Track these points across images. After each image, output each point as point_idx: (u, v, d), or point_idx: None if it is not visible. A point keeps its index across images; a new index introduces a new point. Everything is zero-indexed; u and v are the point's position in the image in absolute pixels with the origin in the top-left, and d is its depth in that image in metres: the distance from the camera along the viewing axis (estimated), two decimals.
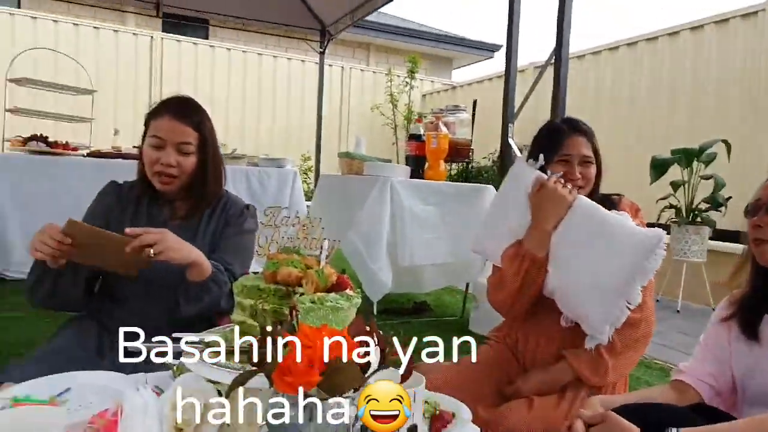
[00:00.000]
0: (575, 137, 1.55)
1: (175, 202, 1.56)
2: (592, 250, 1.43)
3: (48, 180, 3.97)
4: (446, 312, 3.82)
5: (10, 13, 7.51)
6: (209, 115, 1.57)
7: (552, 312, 1.53)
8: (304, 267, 1.05)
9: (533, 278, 1.48)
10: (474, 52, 12.97)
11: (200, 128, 1.50)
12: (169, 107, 1.49)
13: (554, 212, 1.47)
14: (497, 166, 7.23)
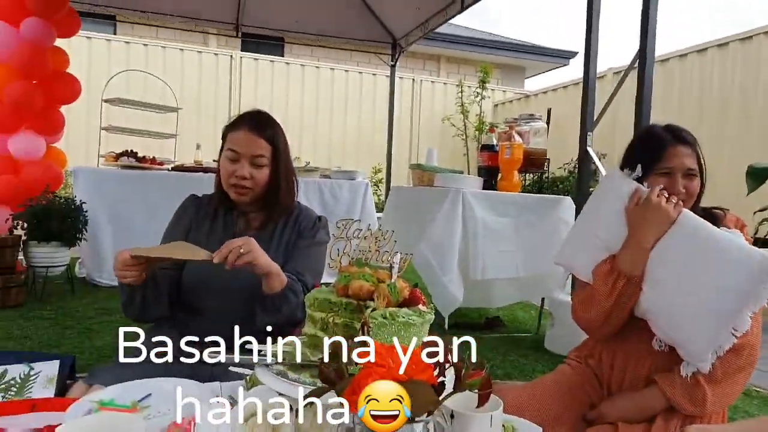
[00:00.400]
0: (678, 147, 1.40)
1: (250, 214, 1.59)
2: (697, 270, 1.30)
3: (137, 193, 4.24)
4: (520, 328, 3.68)
5: (107, 39, 8.14)
6: (283, 128, 1.60)
7: (642, 332, 1.40)
8: (375, 280, 1.02)
9: (628, 298, 1.37)
10: (548, 60, 12.62)
11: (274, 141, 1.53)
12: (245, 121, 1.53)
13: (655, 229, 1.34)
14: (574, 176, 6.98)
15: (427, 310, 0.99)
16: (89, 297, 3.86)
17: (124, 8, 5.39)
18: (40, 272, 3.74)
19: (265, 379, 0.94)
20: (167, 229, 1.62)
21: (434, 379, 0.70)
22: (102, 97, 5.16)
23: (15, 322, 3.15)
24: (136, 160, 4.48)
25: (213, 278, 1.47)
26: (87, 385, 1.34)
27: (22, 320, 3.21)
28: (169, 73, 7.87)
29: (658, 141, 1.43)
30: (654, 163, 1.41)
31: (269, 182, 1.53)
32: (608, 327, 1.42)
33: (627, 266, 1.36)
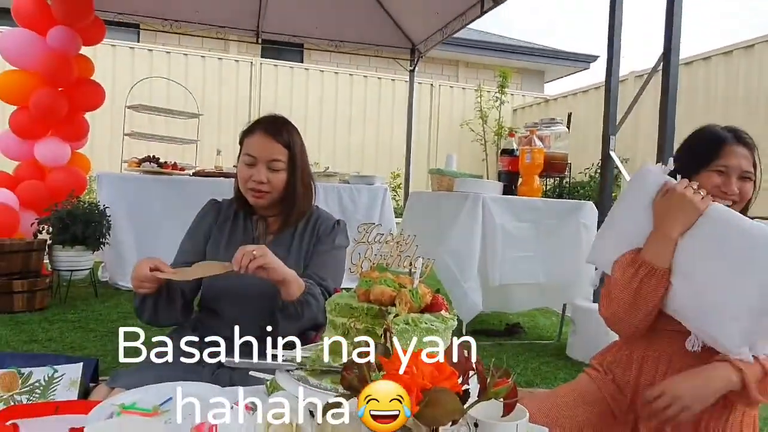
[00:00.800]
0: (737, 148, 1.36)
1: (269, 218, 1.59)
2: (727, 262, 1.25)
3: (158, 198, 4.29)
4: (541, 335, 3.63)
5: (130, 47, 8.29)
6: (302, 134, 1.60)
7: (673, 334, 1.34)
8: (397, 286, 1.01)
9: (650, 291, 1.31)
10: (568, 64, 12.51)
11: (290, 145, 1.52)
12: (260, 126, 1.53)
13: (681, 219, 1.30)
14: (595, 181, 6.89)
15: (449, 316, 0.98)
16: (112, 300, 3.91)
17: (148, 16, 5.48)
18: (65, 276, 3.81)
19: (285, 385, 0.94)
20: (187, 233, 1.63)
21: (459, 386, 0.68)
22: (125, 104, 5.25)
23: (40, 325, 3.20)
24: (158, 165, 4.54)
25: (232, 284, 1.47)
26: (109, 388, 1.35)
27: (46, 323, 3.26)
28: (191, 80, 7.99)
29: (717, 138, 1.39)
30: (711, 160, 1.36)
31: (286, 186, 1.52)
32: (633, 322, 1.35)
33: (650, 256, 1.32)
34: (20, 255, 3.51)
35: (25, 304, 3.46)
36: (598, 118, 6.48)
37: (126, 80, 7.21)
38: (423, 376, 0.65)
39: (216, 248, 1.55)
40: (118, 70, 7.82)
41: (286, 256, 1.52)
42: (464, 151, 8.69)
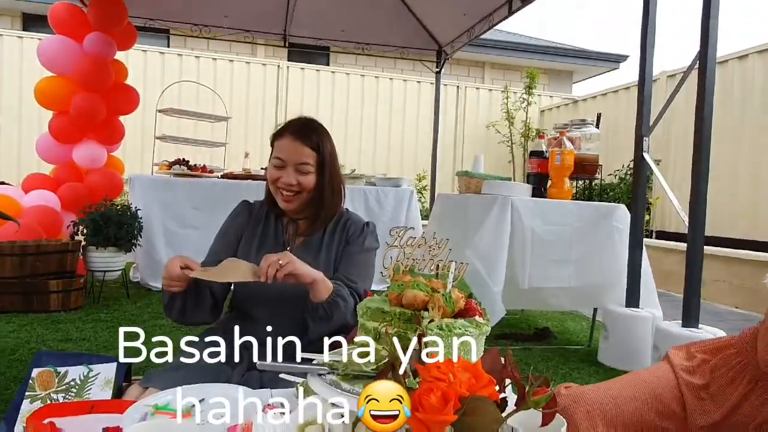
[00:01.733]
0: None
1: (299, 221, 1.60)
2: None
3: (188, 200, 4.36)
4: (571, 340, 3.56)
5: (161, 52, 8.46)
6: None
7: None
8: (430, 290, 1.00)
9: None
10: (597, 64, 12.29)
11: (319, 148, 1.52)
12: (290, 129, 1.54)
13: None
14: (626, 183, 6.75)
15: (483, 321, 0.96)
16: (143, 301, 3.98)
17: (178, 21, 5.58)
18: (98, 276, 3.89)
19: (317, 389, 0.93)
20: (219, 233, 1.65)
21: (497, 395, 0.66)
22: (156, 108, 5.35)
23: (74, 325, 3.28)
24: (187, 168, 4.61)
25: (264, 287, 1.48)
26: (142, 387, 1.37)
27: (80, 323, 3.33)
28: (220, 84, 8.10)
29: None
30: None
31: (315, 188, 1.53)
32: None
33: None
34: (56, 256, 3.60)
35: (61, 304, 3.54)
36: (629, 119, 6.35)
37: (157, 84, 7.36)
38: (460, 384, 0.64)
39: (248, 250, 1.56)
40: (150, 75, 7.99)
41: (316, 258, 1.52)
42: (490, 153, 8.61)
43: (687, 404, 1.19)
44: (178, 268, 1.35)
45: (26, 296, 3.45)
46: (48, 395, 1.50)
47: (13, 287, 3.42)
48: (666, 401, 1.19)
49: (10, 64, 7.67)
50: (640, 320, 2.89)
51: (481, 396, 0.63)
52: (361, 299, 1.48)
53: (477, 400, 0.62)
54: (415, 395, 0.62)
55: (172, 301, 1.45)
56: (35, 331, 3.09)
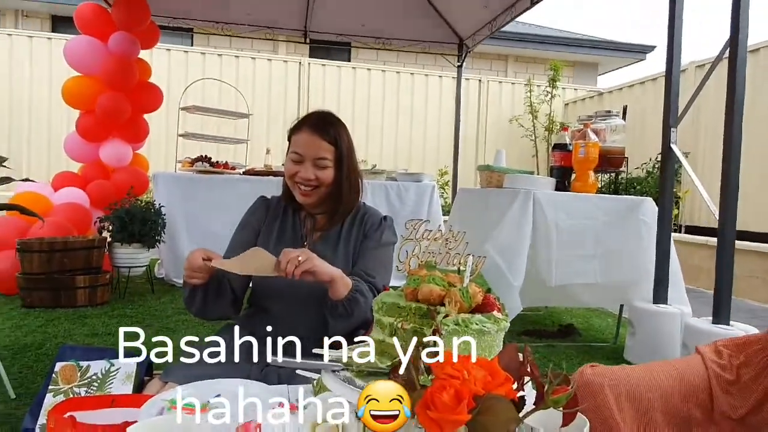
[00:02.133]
0: None
1: (317, 215, 1.59)
2: None
3: (211, 196, 4.40)
4: (596, 337, 3.49)
5: (185, 50, 8.56)
6: (349, 131, 1.58)
7: None
8: (446, 284, 0.97)
9: None
10: (622, 56, 12.02)
11: (337, 143, 1.50)
12: (307, 123, 1.52)
13: None
14: (653, 176, 6.59)
15: (502, 317, 0.93)
16: (167, 296, 4.03)
17: (201, 20, 5.63)
18: (123, 272, 3.96)
19: (331, 385, 0.91)
20: (237, 229, 1.64)
21: (514, 393, 0.64)
22: (180, 106, 5.41)
23: (100, 320, 3.34)
24: (210, 165, 4.65)
25: (283, 283, 1.47)
26: (162, 382, 1.38)
27: (106, 318, 3.39)
28: (242, 81, 8.17)
29: None
30: None
31: (333, 183, 1.51)
32: None
33: None
34: (83, 252, 3.66)
35: (87, 299, 3.61)
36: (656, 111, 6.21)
37: (180, 82, 7.45)
38: (475, 382, 0.61)
39: (266, 245, 1.55)
40: (173, 73, 8.09)
41: (334, 253, 1.51)
42: (513, 148, 8.50)
43: (714, 396, 1.18)
44: (200, 259, 1.35)
45: (54, 292, 3.52)
46: (70, 389, 1.52)
47: (42, 283, 3.50)
48: (693, 388, 1.18)
49: (40, 65, 7.86)
50: (669, 317, 2.81)
51: (497, 395, 0.60)
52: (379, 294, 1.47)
53: (492, 398, 0.59)
54: (428, 393, 0.60)
55: (192, 295, 1.45)
56: (62, 326, 3.15)
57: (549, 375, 0.65)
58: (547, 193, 2.94)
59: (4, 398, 2.12)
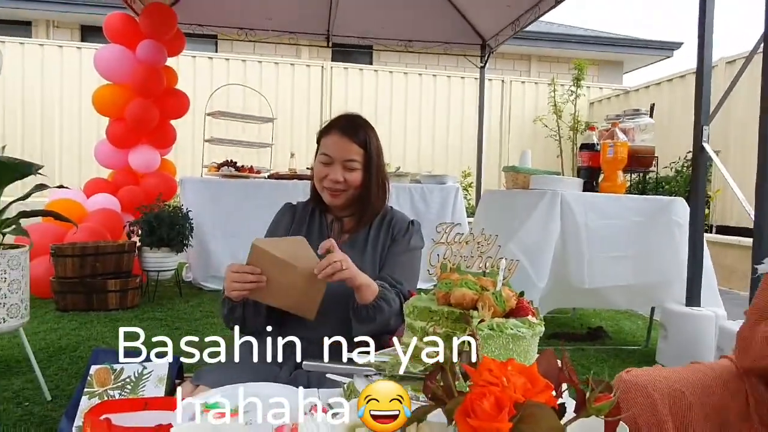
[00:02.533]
0: None
1: (344, 218, 1.59)
2: None
3: (236, 200, 4.45)
4: (626, 340, 3.42)
5: (209, 57, 8.69)
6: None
7: None
8: (479, 288, 0.96)
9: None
10: (649, 53, 11.80)
11: (366, 145, 1.51)
12: (337, 126, 1.53)
13: None
14: (682, 176, 6.44)
15: (537, 321, 0.92)
16: (195, 300, 4.09)
17: (225, 26, 5.71)
18: (153, 276, 4.02)
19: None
20: (266, 236, 1.65)
21: (554, 400, 0.62)
22: (205, 111, 5.49)
23: (131, 323, 3.40)
24: (235, 169, 4.71)
25: None
26: (194, 385, 1.39)
27: (137, 320, 3.45)
28: (265, 86, 8.24)
29: None
30: None
31: (361, 185, 1.51)
32: None
33: None
34: (113, 256, 3.74)
35: (118, 302, 3.68)
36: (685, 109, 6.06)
37: (205, 88, 7.56)
38: (515, 389, 0.60)
39: None
40: (198, 79, 8.21)
41: (362, 256, 1.51)
42: (537, 148, 8.40)
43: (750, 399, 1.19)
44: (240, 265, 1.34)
45: (87, 295, 3.60)
46: (105, 391, 1.54)
47: (75, 287, 3.58)
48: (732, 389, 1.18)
49: (71, 75, 8.06)
50: (702, 319, 2.74)
51: (538, 402, 0.59)
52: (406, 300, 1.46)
53: (533, 406, 0.58)
54: (467, 400, 0.59)
55: (231, 312, 1.46)
56: (95, 329, 3.22)
57: (590, 382, 0.64)
58: (576, 193, 2.89)
59: (40, 400, 2.17)
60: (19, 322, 1.97)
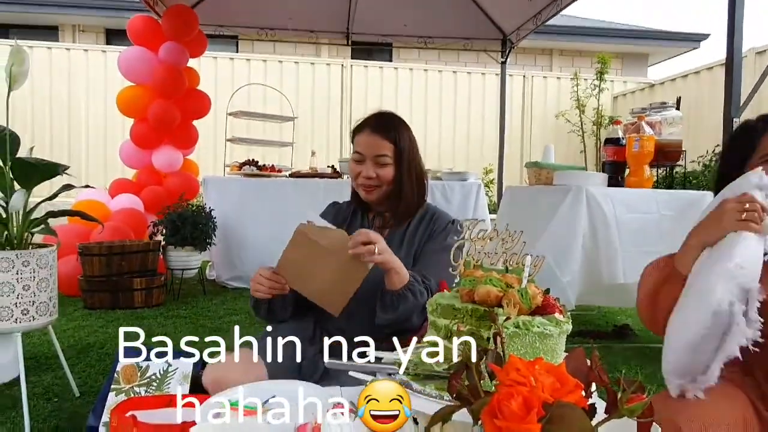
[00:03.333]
0: None
1: (385, 214, 1.61)
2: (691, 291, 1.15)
3: (259, 199, 4.47)
4: (653, 338, 3.34)
5: (230, 57, 8.77)
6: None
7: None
8: (504, 286, 0.94)
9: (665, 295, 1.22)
10: (674, 45, 11.54)
11: (396, 140, 1.55)
12: (368, 124, 1.58)
13: (707, 229, 1.19)
14: (710, 170, 6.28)
15: (564, 319, 0.89)
16: (218, 298, 4.13)
17: (245, 26, 5.75)
18: (177, 274, 4.08)
19: None
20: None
21: (584, 401, 0.60)
22: (227, 111, 5.54)
23: (156, 320, 3.45)
24: (257, 168, 4.74)
25: None
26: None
27: (162, 318, 3.50)
28: (286, 85, 8.29)
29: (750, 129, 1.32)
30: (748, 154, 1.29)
31: (394, 180, 1.54)
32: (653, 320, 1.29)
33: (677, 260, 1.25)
34: (139, 255, 3.79)
35: (144, 300, 3.74)
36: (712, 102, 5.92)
37: (226, 89, 7.63)
38: (543, 389, 0.58)
39: None
40: (220, 80, 8.30)
41: (398, 252, 1.51)
42: (560, 143, 8.29)
43: None
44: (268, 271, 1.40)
45: (113, 294, 3.66)
46: (131, 388, 1.56)
47: (102, 285, 3.65)
48: None
49: (96, 78, 8.22)
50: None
51: (568, 403, 0.57)
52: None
53: (563, 406, 0.56)
54: (494, 400, 0.57)
55: (257, 306, 1.52)
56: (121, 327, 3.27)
57: (622, 382, 0.62)
58: (601, 188, 2.84)
59: (69, 396, 2.22)
60: (47, 320, 2.01)
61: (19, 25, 9.92)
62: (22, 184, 1.93)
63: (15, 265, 1.87)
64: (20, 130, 2.01)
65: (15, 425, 1.96)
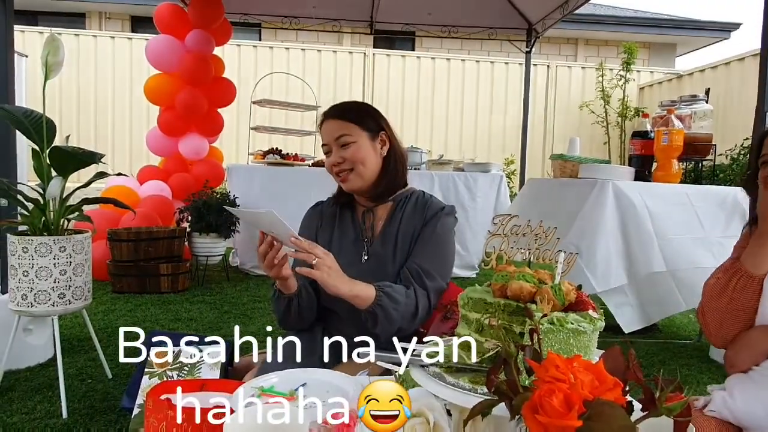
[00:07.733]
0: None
1: (375, 209, 1.55)
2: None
3: (282, 187, 4.52)
4: (678, 334, 3.32)
5: (254, 45, 8.80)
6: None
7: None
8: (537, 281, 0.95)
9: (744, 301, 1.17)
10: (704, 35, 11.25)
11: (353, 118, 1.49)
12: (325, 114, 1.54)
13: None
14: (739, 164, 6.14)
15: (597, 316, 0.90)
16: (242, 284, 4.20)
17: (269, 15, 5.77)
18: (201, 261, 4.15)
19: (421, 381, 0.91)
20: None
21: (623, 399, 0.61)
22: (251, 99, 5.57)
23: (182, 306, 3.52)
24: (280, 157, 4.78)
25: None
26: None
27: (188, 303, 3.58)
28: (308, 74, 8.31)
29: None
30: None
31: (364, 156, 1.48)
32: (724, 332, 1.23)
33: (746, 262, 1.18)
34: (165, 241, 3.87)
35: (170, 286, 3.82)
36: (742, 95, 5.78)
37: (249, 77, 7.68)
38: (582, 386, 0.59)
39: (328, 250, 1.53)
40: (243, 68, 8.35)
41: (393, 250, 1.49)
42: (584, 135, 8.18)
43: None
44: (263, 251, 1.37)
45: (140, 279, 3.75)
46: (164, 372, 1.61)
47: (130, 270, 3.73)
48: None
49: (122, 65, 8.32)
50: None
51: (607, 400, 0.58)
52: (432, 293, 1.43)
53: (603, 404, 0.57)
54: (536, 396, 0.58)
55: (288, 309, 1.46)
56: (149, 311, 3.35)
57: (660, 380, 0.62)
58: (630, 183, 2.82)
59: (102, 377, 2.29)
60: (83, 304, 2.07)
61: (47, 12, 10.08)
62: (59, 172, 1.98)
63: (52, 250, 1.93)
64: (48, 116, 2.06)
65: (52, 404, 2.03)
